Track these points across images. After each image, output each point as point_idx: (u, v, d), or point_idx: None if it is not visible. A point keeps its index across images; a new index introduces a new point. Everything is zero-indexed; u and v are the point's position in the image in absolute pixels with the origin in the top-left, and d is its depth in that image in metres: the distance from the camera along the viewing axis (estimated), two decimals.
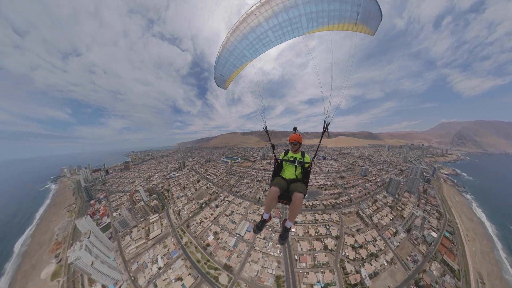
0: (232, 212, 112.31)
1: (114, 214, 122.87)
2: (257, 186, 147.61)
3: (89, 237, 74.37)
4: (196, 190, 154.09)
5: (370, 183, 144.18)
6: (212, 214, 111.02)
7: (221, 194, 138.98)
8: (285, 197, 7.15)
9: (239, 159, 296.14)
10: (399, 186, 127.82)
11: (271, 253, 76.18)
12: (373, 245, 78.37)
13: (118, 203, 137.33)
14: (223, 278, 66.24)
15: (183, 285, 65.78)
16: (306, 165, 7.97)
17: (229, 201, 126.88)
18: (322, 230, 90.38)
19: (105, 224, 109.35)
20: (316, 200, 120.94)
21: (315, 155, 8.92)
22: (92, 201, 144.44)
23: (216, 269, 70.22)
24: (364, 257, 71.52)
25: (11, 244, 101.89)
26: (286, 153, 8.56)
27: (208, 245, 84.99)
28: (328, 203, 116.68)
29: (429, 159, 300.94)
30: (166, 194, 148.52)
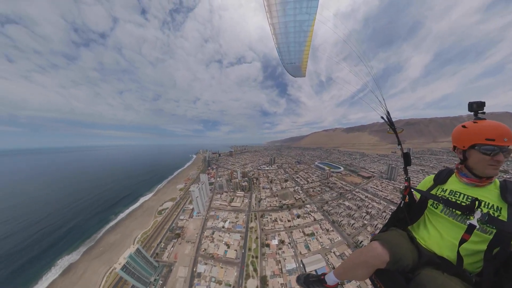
0: (313, 234, 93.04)
1: (218, 179, 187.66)
2: (365, 221, 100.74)
3: (202, 184, 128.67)
4: (281, 188, 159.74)
5: None
6: (289, 221, 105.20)
7: (307, 205, 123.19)
8: (392, 282, 3.01)
9: (342, 168, 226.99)
10: None
11: None
12: None
13: (222, 174, 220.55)
14: (251, 284, 64.75)
15: (225, 251, 78.25)
16: None
17: (314, 219, 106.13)
18: None
19: (211, 182, 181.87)
20: None
21: None
22: (209, 168, 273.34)
23: (255, 270, 69.70)
24: None
25: (173, 171, 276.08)
26: (440, 178, 3.52)
27: (268, 245, 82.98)
28: None
29: None
30: (255, 181, 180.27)
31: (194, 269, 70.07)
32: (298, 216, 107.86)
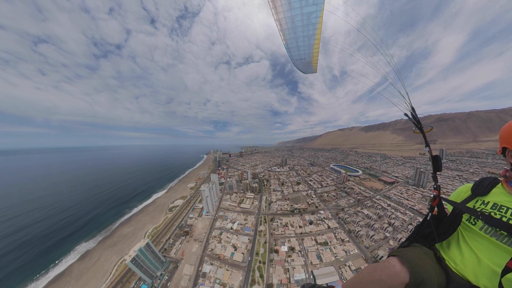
0: (326, 243, 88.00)
1: (228, 179, 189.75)
2: (387, 234, 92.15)
3: (212, 184, 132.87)
4: (293, 191, 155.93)
5: None
6: (300, 227, 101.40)
7: (321, 211, 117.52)
8: None
9: (360, 172, 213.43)
10: None
11: None
12: None
13: (232, 174, 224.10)
14: None
15: (232, 253, 77.33)
16: None
17: (328, 227, 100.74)
18: None
19: (221, 182, 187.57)
20: None
21: None
22: (219, 168, 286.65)
23: (261, 276, 67.91)
24: None
25: (185, 171, 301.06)
26: (481, 188, 2.99)
27: (276, 251, 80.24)
28: None
29: None
30: (265, 183, 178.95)
31: (200, 268, 70.56)
32: (311, 223, 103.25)
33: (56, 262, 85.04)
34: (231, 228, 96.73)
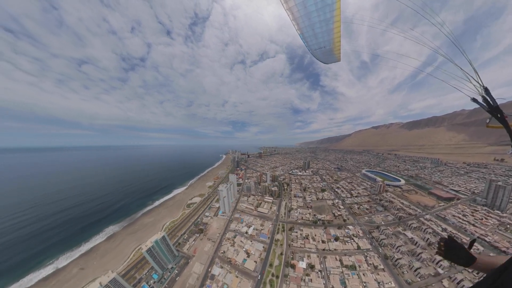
0: (354, 267, 78.36)
1: (246, 180, 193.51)
2: (439, 269, 75.01)
3: (230, 185, 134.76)
4: (317, 199, 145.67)
5: None
6: (323, 242, 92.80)
7: (350, 226, 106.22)
8: None
9: (403, 181, 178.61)
10: None
11: None
12: None
13: (250, 176, 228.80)
14: None
15: (244, 259, 75.02)
16: None
17: (358, 247, 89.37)
18: None
19: (239, 183, 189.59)
20: None
21: None
22: (237, 168, 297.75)
23: None
24: None
25: (204, 169, 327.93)
26: None
27: (292, 266, 74.71)
28: None
29: None
30: (285, 187, 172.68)
31: (209, 269, 70.52)
32: (336, 239, 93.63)
33: (88, 239, 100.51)
34: (246, 233, 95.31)
